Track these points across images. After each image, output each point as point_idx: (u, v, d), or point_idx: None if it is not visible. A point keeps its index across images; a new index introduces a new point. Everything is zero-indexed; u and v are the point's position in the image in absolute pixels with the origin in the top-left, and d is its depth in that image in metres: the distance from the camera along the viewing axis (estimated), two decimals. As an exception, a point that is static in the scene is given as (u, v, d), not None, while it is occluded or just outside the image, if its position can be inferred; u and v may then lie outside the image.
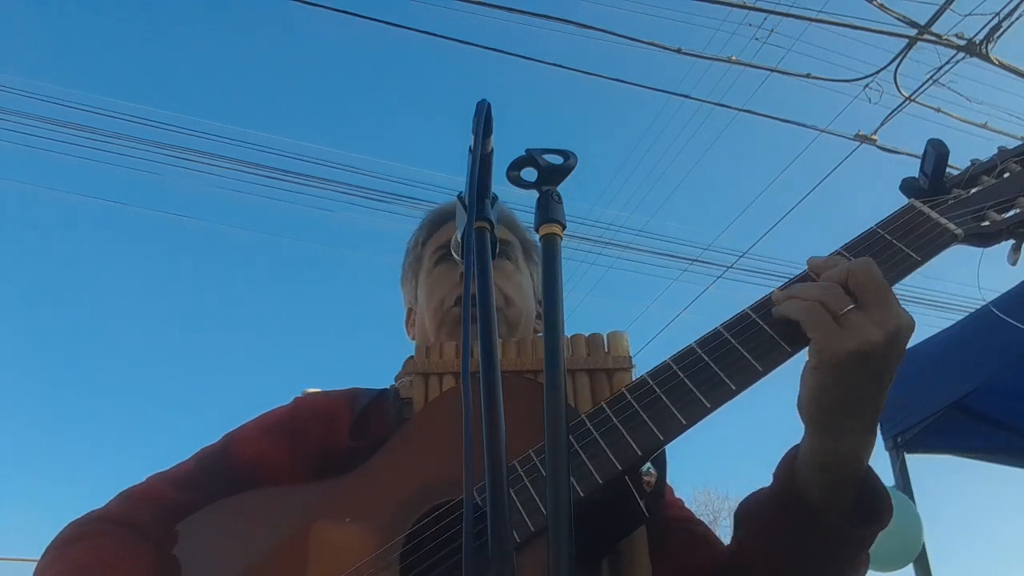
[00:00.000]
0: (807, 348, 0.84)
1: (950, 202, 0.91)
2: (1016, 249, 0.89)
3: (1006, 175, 0.92)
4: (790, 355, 0.85)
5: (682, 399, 0.86)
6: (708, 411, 0.85)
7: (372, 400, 1.16)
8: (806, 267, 0.90)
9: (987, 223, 0.88)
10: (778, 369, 0.86)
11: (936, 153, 0.91)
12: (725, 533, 1.89)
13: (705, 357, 0.87)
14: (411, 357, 1.35)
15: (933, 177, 0.91)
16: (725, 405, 0.85)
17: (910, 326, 0.81)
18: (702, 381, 0.86)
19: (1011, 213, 0.88)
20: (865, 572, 0.90)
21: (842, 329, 0.79)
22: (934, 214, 0.89)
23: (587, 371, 1.01)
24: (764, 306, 0.89)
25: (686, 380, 0.86)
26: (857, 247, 0.91)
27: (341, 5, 6.88)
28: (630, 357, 1.03)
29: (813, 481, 0.85)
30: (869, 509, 0.87)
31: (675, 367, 0.88)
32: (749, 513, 0.95)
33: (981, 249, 0.90)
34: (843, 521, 0.84)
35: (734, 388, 0.84)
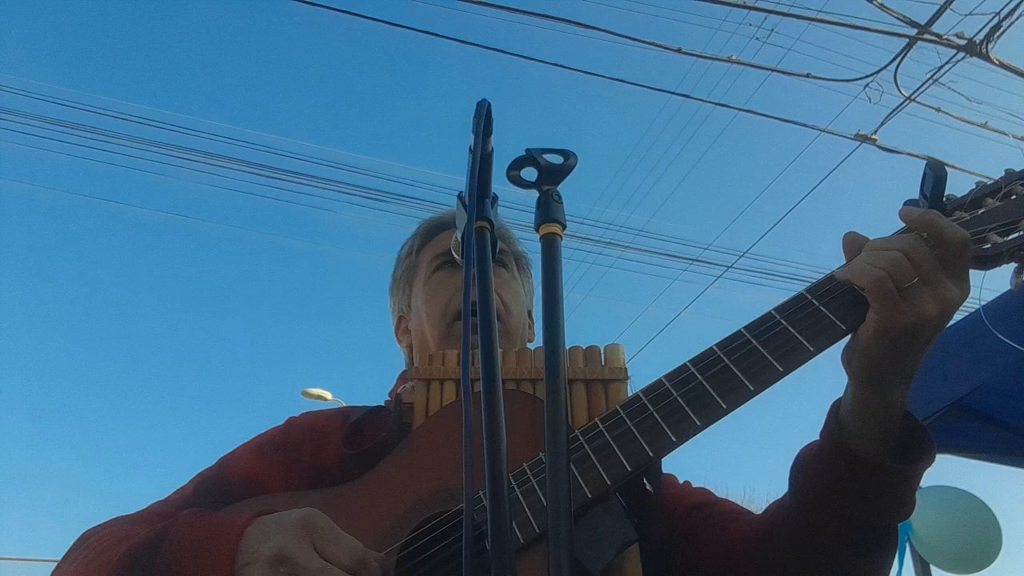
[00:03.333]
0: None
1: None
2: (1019, 272, 0.89)
3: (1012, 197, 0.91)
4: (782, 375, 0.86)
5: (673, 416, 0.87)
6: (698, 429, 0.86)
7: (365, 415, 1.16)
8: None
9: (988, 246, 0.87)
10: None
11: (935, 176, 0.90)
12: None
13: (698, 376, 0.88)
14: (405, 371, 1.35)
15: (932, 199, 0.90)
16: (715, 424, 0.86)
17: (964, 298, 0.84)
18: (693, 399, 0.87)
19: (1014, 236, 0.87)
20: (911, 513, 0.92)
21: (904, 303, 0.82)
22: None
23: (584, 381, 1.02)
24: (760, 325, 0.89)
25: (678, 398, 0.88)
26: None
27: (341, 5, 6.88)
28: (626, 369, 1.04)
29: (863, 432, 0.87)
30: (917, 447, 0.90)
31: (667, 384, 0.90)
32: (802, 473, 0.95)
33: (983, 272, 0.90)
34: (896, 463, 0.87)
35: (725, 407, 0.85)
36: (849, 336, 0.88)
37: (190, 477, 1.13)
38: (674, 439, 0.86)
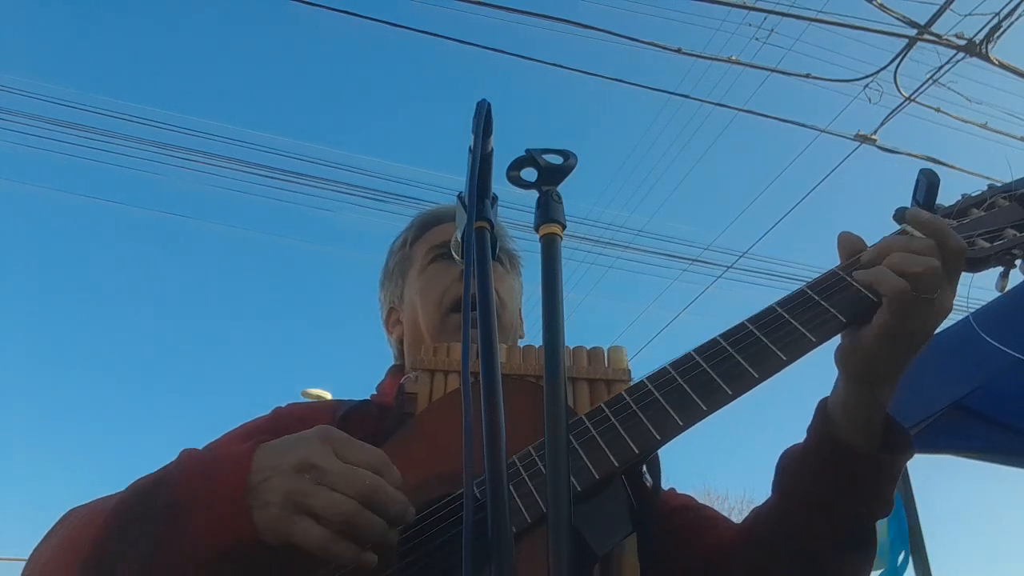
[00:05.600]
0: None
1: None
2: (1004, 275, 0.96)
3: (995, 209, 0.98)
4: (784, 363, 0.88)
5: (679, 401, 0.88)
6: (704, 414, 0.87)
7: (353, 408, 1.17)
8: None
9: (976, 249, 0.94)
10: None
11: (927, 182, 0.96)
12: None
13: (703, 363, 0.90)
14: (395, 364, 1.37)
15: (925, 205, 0.96)
16: (721, 409, 0.87)
17: (952, 307, 0.89)
18: (697, 385, 0.89)
19: (999, 242, 0.94)
20: (891, 509, 0.95)
21: (914, 310, 0.85)
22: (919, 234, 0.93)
23: (587, 380, 1.05)
24: (763, 317, 0.92)
25: (683, 384, 0.90)
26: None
27: (341, 5, 6.89)
28: (629, 370, 1.06)
29: (852, 427, 0.91)
30: (900, 441, 0.94)
31: (673, 371, 0.92)
32: (789, 472, 0.97)
33: (970, 274, 0.96)
34: (883, 453, 0.91)
35: (730, 393, 0.87)
36: (844, 334, 0.91)
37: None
38: (681, 423, 0.87)
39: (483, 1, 6.75)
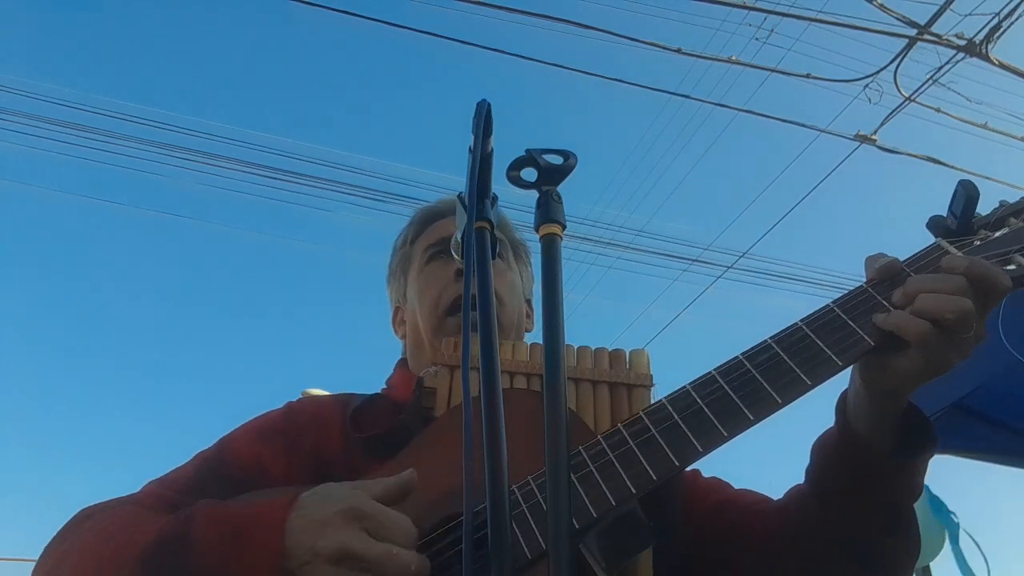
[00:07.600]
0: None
1: (976, 243, 0.92)
2: None
3: None
4: (809, 388, 0.86)
5: (699, 425, 0.86)
6: (724, 439, 0.85)
7: (364, 402, 1.16)
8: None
9: (1013, 267, 0.88)
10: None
11: (967, 195, 0.92)
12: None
13: (725, 386, 0.88)
14: (402, 357, 1.36)
15: (962, 218, 0.93)
16: (743, 434, 0.86)
17: (985, 333, 0.89)
18: (719, 409, 0.87)
19: None
20: (921, 491, 0.96)
21: (954, 346, 0.86)
22: (958, 254, 0.90)
23: (608, 384, 1.03)
24: (787, 339, 0.90)
25: (704, 407, 0.87)
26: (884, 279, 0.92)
27: (341, 5, 6.88)
28: (650, 375, 1.04)
29: (872, 427, 0.92)
30: (921, 435, 0.95)
31: (694, 393, 0.90)
32: (818, 459, 0.99)
33: None
34: (907, 458, 0.92)
35: (752, 418, 0.85)
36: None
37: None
38: (700, 449, 0.85)
39: (483, 1, 6.74)
